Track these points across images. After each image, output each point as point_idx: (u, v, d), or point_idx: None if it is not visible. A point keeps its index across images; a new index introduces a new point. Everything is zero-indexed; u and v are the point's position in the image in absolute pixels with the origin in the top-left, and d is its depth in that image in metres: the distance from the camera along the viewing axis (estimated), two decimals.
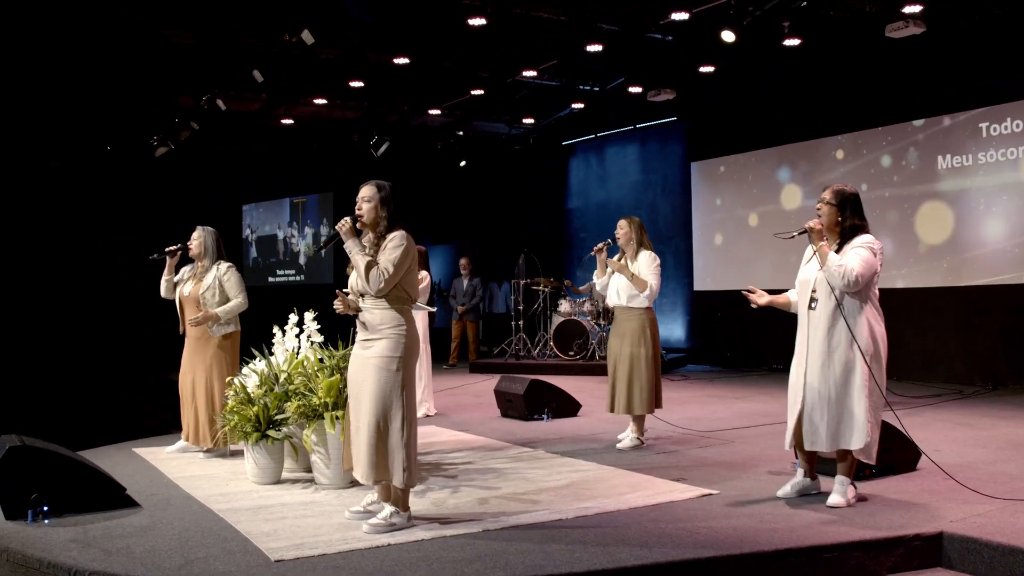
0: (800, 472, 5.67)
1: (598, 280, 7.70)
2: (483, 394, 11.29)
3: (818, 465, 5.72)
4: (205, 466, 6.75)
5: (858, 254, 5.26)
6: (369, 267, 4.85)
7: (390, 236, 4.94)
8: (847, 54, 11.86)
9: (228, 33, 10.99)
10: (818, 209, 5.46)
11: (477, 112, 15.64)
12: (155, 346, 16.46)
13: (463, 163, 16.96)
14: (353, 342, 5.22)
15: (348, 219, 5.00)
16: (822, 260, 5.29)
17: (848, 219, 5.40)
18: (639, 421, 7.49)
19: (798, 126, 13.52)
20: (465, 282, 15.51)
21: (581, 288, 15.00)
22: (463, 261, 15.66)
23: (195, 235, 7.26)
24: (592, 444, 7.64)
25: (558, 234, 18.16)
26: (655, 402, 7.41)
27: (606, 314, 14.27)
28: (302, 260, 20.29)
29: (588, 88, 14.60)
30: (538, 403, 9.06)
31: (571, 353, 14.02)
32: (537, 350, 14.77)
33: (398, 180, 5.14)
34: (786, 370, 5.32)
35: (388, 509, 4.86)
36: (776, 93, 13.44)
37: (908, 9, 9.04)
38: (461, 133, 16.93)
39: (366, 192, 5.02)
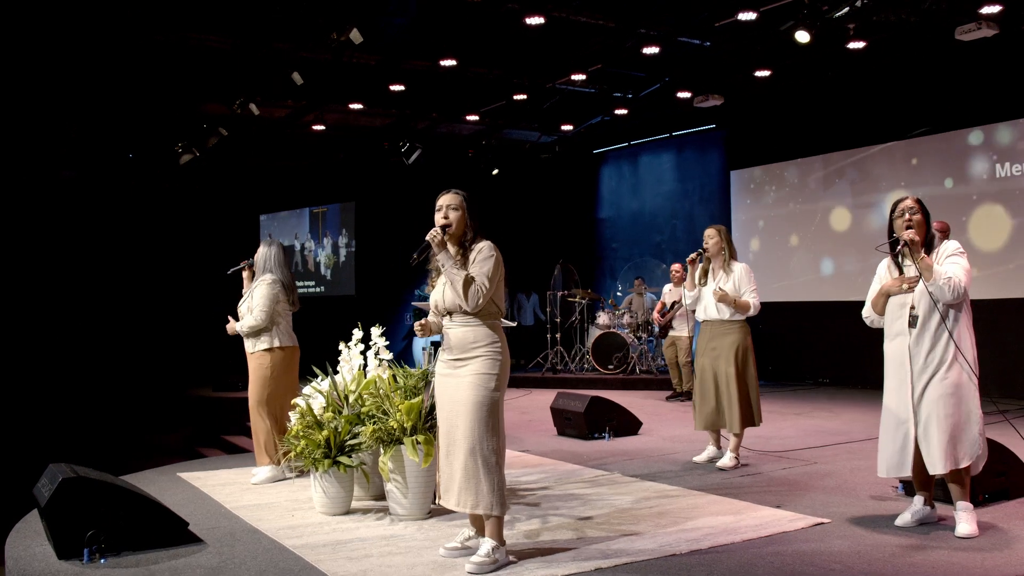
0: (919, 500, 5.21)
1: (688, 293, 7.27)
2: (529, 410, 10.84)
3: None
4: (263, 494, 6.26)
5: (957, 263, 4.93)
6: (468, 283, 4.41)
7: (477, 247, 4.53)
8: (909, 58, 11.31)
9: (259, 37, 10.55)
10: (909, 220, 5.00)
11: (507, 120, 15.19)
12: (175, 358, 16.08)
13: (496, 171, 16.47)
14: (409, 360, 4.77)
15: (438, 230, 4.53)
16: (928, 274, 4.86)
17: (930, 228, 5.09)
18: (739, 438, 7.09)
19: (846, 133, 13.06)
20: None
21: (621, 305, 14.53)
22: None
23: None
24: (668, 465, 7.18)
25: (588, 244, 17.68)
26: (760, 415, 7.15)
27: (646, 327, 13.81)
28: (323, 271, 19.83)
29: (621, 96, 14.15)
30: (599, 421, 8.59)
31: (610, 367, 13.55)
32: (575, 363, 14.29)
33: (427, 189, 4.73)
34: (833, 384, 4.89)
35: (488, 544, 4.39)
36: (826, 99, 12.95)
37: (986, 10, 8.58)
38: (484, 142, 16.47)
39: (452, 200, 4.59)
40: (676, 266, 11.79)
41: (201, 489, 6.43)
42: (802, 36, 8.75)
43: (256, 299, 6.73)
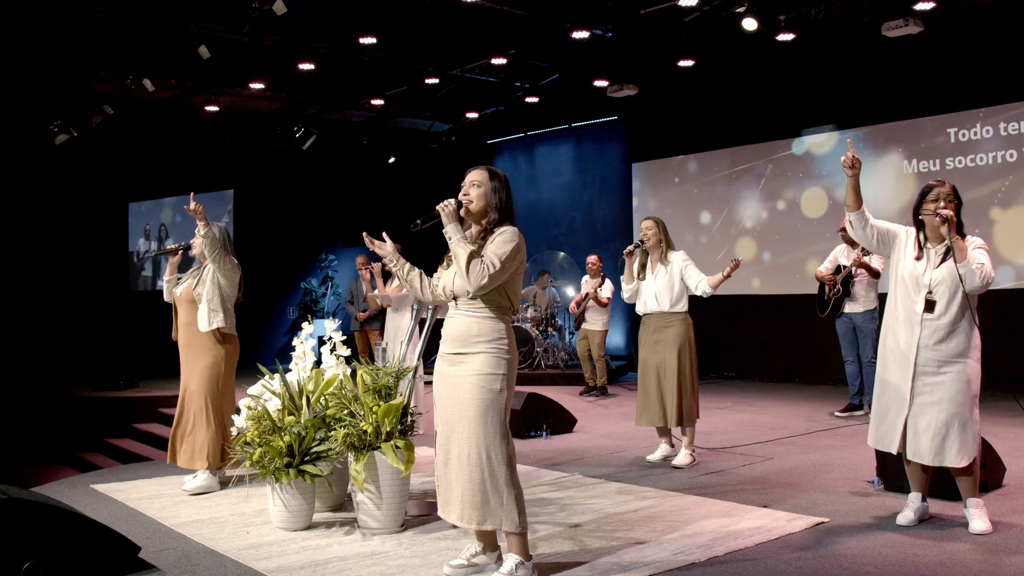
0: (917, 497, 5.03)
1: (626, 286, 6.99)
2: None
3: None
4: (202, 507, 5.58)
5: (984, 255, 4.74)
6: (471, 258, 3.93)
7: (500, 230, 4.05)
8: (832, 53, 11.26)
9: (157, 8, 9.66)
10: (946, 207, 4.75)
11: (400, 108, 14.57)
12: (47, 354, 14.80)
13: (392, 160, 15.83)
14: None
15: (452, 200, 4.07)
16: (960, 255, 4.65)
17: (961, 219, 4.86)
18: (691, 434, 6.83)
19: (754, 127, 13.01)
20: (364, 285, 11.57)
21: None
22: (360, 259, 11.88)
23: None
24: (624, 465, 6.88)
25: None
26: (696, 411, 6.87)
27: (551, 320, 13.51)
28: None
29: (522, 85, 13.77)
30: (536, 419, 8.22)
31: None
32: None
33: (315, 177, 4.25)
34: (739, 378, 4.72)
35: (512, 560, 3.92)
36: (739, 92, 12.88)
37: (919, 6, 8.60)
38: (377, 130, 15.82)
39: (477, 176, 4.14)
40: (592, 257, 11.53)
41: (127, 504, 5.70)
42: (749, 24, 8.56)
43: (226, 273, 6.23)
